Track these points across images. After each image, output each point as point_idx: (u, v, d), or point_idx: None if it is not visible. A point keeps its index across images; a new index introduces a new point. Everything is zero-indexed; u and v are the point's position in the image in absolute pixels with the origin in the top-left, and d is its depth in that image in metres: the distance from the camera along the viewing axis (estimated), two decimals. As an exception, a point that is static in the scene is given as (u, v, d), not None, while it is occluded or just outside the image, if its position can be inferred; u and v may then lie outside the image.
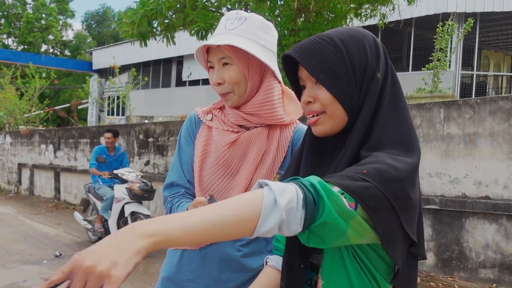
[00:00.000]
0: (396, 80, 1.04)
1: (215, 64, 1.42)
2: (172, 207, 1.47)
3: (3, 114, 15.86)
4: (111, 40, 36.62)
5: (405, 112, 1.01)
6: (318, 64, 0.99)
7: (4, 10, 35.68)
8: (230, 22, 1.43)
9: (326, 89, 1.00)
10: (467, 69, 14.21)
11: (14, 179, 13.43)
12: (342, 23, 6.96)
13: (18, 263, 5.53)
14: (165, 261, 1.59)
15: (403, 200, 0.88)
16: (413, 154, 0.95)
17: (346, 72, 0.99)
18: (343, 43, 1.00)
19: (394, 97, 1.01)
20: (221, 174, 1.45)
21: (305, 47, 1.00)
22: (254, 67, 1.42)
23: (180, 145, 1.56)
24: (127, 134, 9.15)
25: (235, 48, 1.37)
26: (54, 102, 28.01)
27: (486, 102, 4.68)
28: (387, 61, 1.04)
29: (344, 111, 1.01)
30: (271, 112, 1.44)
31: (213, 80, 1.43)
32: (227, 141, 1.45)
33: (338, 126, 1.03)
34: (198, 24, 6.31)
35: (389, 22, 7.71)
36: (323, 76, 0.99)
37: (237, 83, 1.41)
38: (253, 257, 1.45)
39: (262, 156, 1.45)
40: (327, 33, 1.03)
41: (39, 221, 8.56)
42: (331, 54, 0.99)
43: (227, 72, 1.40)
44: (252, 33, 1.41)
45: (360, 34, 1.03)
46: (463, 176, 4.78)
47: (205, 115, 1.56)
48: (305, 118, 1.09)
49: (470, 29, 7.76)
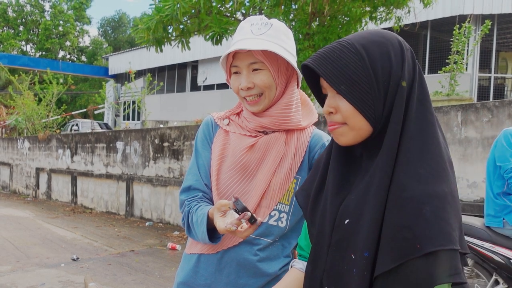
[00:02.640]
0: (424, 86, 0.97)
1: (243, 69, 1.41)
2: (190, 210, 1.46)
3: (21, 120, 16.15)
4: (126, 45, 37.07)
5: (433, 126, 0.94)
6: (338, 74, 0.94)
7: (23, 17, 36.39)
8: (256, 28, 1.42)
9: (347, 101, 0.96)
10: (484, 72, 14.01)
11: (32, 183, 13.64)
12: (357, 27, 6.93)
13: (36, 266, 5.60)
14: (180, 265, 1.59)
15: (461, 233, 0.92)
16: (450, 183, 0.92)
17: (368, 82, 0.93)
18: (365, 49, 0.95)
19: (423, 107, 0.95)
20: (238, 178, 1.45)
21: (325, 56, 0.96)
22: (283, 71, 1.43)
23: (197, 149, 1.56)
24: (142, 139, 9.23)
25: (266, 53, 1.38)
26: (71, 107, 28.45)
27: (504, 105, 4.60)
28: (415, 66, 0.97)
29: (368, 122, 0.96)
30: (289, 116, 1.44)
31: (243, 85, 1.41)
32: (246, 145, 1.45)
33: (361, 137, 0.98)
34: (213, 29, 6.35)
35: (404, 25, 7.65)
36: (343, 87, 0.94)
37: (269, 87, 1.41)
38: (270, 261, 1.44)
39: (280, 161, 1.45)
40: (348, 39, 0.98)
41: (57, 224, 8.68)
42: (352, 62, 0.94)
43: (259, 77, 1.40)
44: (279, 38, 1.41)
45: (385, 39, 0.97)
46: (482, 180, 4.71)
47: (221, 120, 1.56)
48: (319, 122, 1.07)
49: (487, 31, 7.66)
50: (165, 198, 8.67)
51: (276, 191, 1.43)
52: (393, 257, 0.87)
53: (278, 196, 1.43)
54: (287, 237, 1.48)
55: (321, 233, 1.04)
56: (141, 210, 9.29)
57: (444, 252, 0.85)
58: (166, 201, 8.65)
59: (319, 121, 1.32)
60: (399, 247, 0.86)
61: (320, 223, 1.05)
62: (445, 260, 0.85)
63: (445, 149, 0.95)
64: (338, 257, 0.98)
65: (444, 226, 0.85)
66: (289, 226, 1.46)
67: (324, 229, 1.03)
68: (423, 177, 0.89)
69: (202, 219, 1.40)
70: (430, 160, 0.91)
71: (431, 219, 0.85)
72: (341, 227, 0.98)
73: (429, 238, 0.85)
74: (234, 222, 1.23)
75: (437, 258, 0.85)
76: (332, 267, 1.00)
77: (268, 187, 1.43)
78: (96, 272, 5.38)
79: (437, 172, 0.90)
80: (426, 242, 0.84)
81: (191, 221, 1.45)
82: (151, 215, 9.01)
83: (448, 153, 0.97)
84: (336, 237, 0.99)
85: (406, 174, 0.90)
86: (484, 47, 13.25)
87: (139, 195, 9.37)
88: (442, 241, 0.84)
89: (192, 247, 1.53)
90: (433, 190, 0.87)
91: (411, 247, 0.85)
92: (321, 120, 5.25)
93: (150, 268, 5.61)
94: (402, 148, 0.92)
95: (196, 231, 1.43)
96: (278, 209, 1.44)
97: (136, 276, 5.27)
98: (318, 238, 1.05)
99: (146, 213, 9.15)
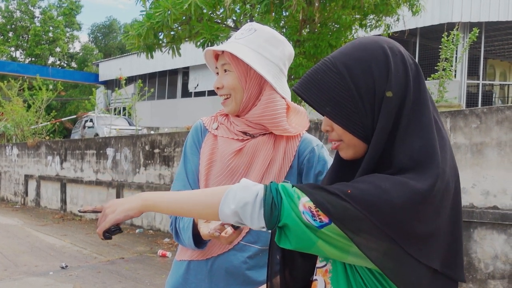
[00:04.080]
0: (421, 89, 0.96)
1: (219, 70, 1.47)
2: (178, 216, 1.47)
3: (10, 126, 15.99)
4: (117, 52, 36.94)
5: (428, 128, 0.93)
6: (323, 97, 0.95)
7: (12, 23, 36.14)
8: (240, 32, 1.46)
9: (333, 122, 0.97)
10: (473, 79, 14.18)
11: (20, 190, 13.49)
12: (347, 34, 6.98)
13: (25, 275, 5.53)
14: (170, 272, 1.58)
15: (400, 228, 0.85)
16: (424, 179, 0.88)
17: (352, 101, 0.94)
18: (346, 68, 0.95)
19: (416, 113, 0.94)
20: (227, 183, 1.44)
21: (309, 80, 0.97)
22: (252, 77, 1.42)
23: (185, 155, 1.56)
24: (133, 145, 9.18)
25: (235, 56, 1.40)
26: (61, 113, 28.18)
27: (492, 112, 4.66)
28: (407, 72, 0.95)
29: (359, 140, 0.97)
30: (273, 122, 1.43)
31: (214, 84, 1.48)
32: (233, 149, 1.45)
33: (360, 152, 0.99)
34: (204, 35, 6.36)
35: (393, 32, 7.72)
36: (328, 108, 0.95)
37: (234, 89, 1.43)
38: (259, 269, 1.43)
39: (268, 165, 1.45)
40: (331, 57, 0.99)
41: (46, 232, 8.58)
42: (334, 83, 0.95)
43: (226, 78, 1.44)
44: (257, 44, 1.42)
45: (367, 53, 0.95)
46: (471, 186, 4.75)
47: (211, 124, 1.57)
48: (310, 128, 1.08)
49: (475, 38, 7.75)
50: (155, 205, 8.61)
51: None
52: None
53: None
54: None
55: None
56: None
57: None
58: (156, 208, 8.59)
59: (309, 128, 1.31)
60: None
61: None
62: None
63: (441, 153, 0.93)
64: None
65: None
66: None
67: None
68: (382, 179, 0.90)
69: (188, 225, 1.40)
70: (413, 168, 0.90)
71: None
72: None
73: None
74: (218, 228, 1.24)
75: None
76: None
77: None
78: (86, 280, 5.32)
79: (417, 176, 0.90)
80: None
81: (178, 227, 1.46)
82: (141, 222, 8.94)
83: (450, 154, 0.97)
84: None
85: (367, 176, 0.92)
86: (472, 54, 13.43)
87: (129, 202, 9.29)
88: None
89: (182, 254, 1.53)
90: (380, 186, 0.88)
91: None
92: (312, 127, 5.26)
93: (140, 276, 5.56)
94: (395, 157, 0.92)
95: (183, 236, 1.44)
96: None
97: (126, 284, 5.22)
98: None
99: (136, 220, 9.08)
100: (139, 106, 15.92)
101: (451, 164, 0.96)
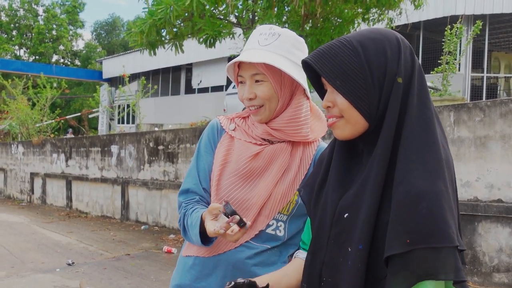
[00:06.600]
0: (423, 84, 1.00)
1: (247, 79, 1.42)
2: (186, 212, 1.48)
3: (15, 124, 16.07)
4: (120, 49, 36.96)
5: (431, 124, 0.96)
6: (334, 70, 0.97)
7: (16, 21, 36.22)
8: (263, 38, 1.42)
9: (342, 95, 0.99)
10: (477, 72, 14.10)
11: (26, 188, 13.57)
12: (350, 28, 6.95)
13: (31, 272, 5.58)
14: (176, 268, 1.59)
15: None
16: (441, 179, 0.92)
17: (363, 77, 0.96)
18: (361, 46, 0.97)
19: (421, 104, 0.96)
20: (240, 184, 1.45)
21: (323, 53, 1.00)
22: (286, 84, 1.42)
23: (199, 152, 1.55)
24: (137, 142, 9.21)
25: (268, 65, 1.37)
26: (65, 111, 28.32)
27: (496, 105, 4.64)
28: (414, 64, 0.99)
29: (363, 117, 0.99)
30: (296, 129, 1.44)
31: (245, 95, 1.42)
32: (250, 153, 1.45)
33: (357, 131, 1.01)
34: (206, 32, 6.36)
35: (396, 26, 7.68)
36: (339, 82, 0.97)
37: (269, 99, 1.41)
38: (266, 267, 1.43)
39: (284, 172, 1.45)
40: (347, 36, 1.01)
41: (52, 229, 8.64)
42: (348, 58, 0.97)
43: (260, 88, 1.40)
44: (285, 50, 1.40)
45: (382, 36, 1.00)
46: (475, 180, 4.74)
47: (228, 124, 1.55)
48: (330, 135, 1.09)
49: (479, 31, 7.72)
50: (160, 201, 8.66)
51: (277, 201, 1.43)
52: (387, 248, 0.89)
53: (279, 207, 1.44)
54: (286, 245, 1.48)
55: (321, 226, 1.07)
56: (137, 213, 9.27)
57: (441, 250, 0.85)
58: (161, 204, 8.64)
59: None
60: (390, 241, 0.88)
61: (321, 216, 1.08)
62: (442, 257, 0.85)
63: (443, 147, 0.96)
64: (336, 250, 1.02)
65: (440, 223, 0.86)
66: (288, 235, 1.47)
67: (324, 222, 1.06)
68: (420, 173, 0.90)
69: (195, 222, 1.41)
70: (427, 157, 0.93)
71: (426, 216, 0.87)
72: (340, 221, 1.02)
73: (423, 235, 0.86)
74: (223, 225, 1.25)
75: (436, 253, 0.85)
76: (331, 259, 1.03)
77: (270, 197, 1.43)
78: (92, 277, 5.37)
79: (434, 169, 0.92)
80: (418, 238, 0.85)
81: (187, 223, 1.46)
82: (146, 219, 8.99)
83: (447, 151, 0.99)
84: (335, 231, 1.03)
85: (403, 169, 0.92)
86: (477, 47, 13.34)
87: (134, 198, 9.35)
88: (438, 238, 0.85)
89: (188, 250, 1.54)
90: (429, 187, 0.89)
91: (402, 241, 0.86)
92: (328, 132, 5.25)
93: (146, 272, 5.60)
94: (401, 144, 0.94)
95: (190, 233, 1.45)
96: (276, 218, 1.45)
97: (132, 280, 5.26)
98: (318, 231, 1.09)
99: (141, 216, 9.12)
100: (143, 103, 15.94)
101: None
